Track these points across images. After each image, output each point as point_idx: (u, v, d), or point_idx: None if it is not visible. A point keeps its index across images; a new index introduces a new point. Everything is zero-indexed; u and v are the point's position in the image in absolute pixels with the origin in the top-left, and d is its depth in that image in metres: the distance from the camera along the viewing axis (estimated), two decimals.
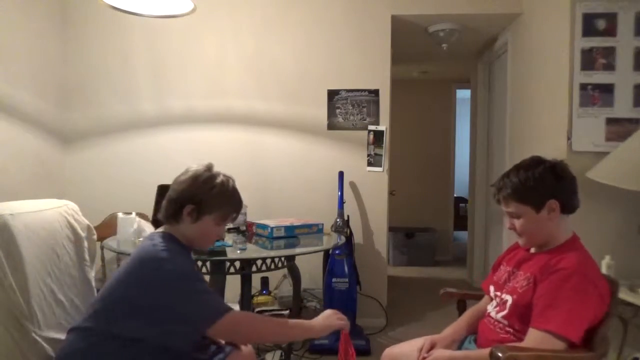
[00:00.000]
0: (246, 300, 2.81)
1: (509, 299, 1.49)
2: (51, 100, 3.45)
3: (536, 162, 1.48)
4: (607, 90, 2.52)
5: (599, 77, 2.54)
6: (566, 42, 2.59)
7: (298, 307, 3.01)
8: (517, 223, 1.50)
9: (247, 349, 1.71)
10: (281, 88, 3.55)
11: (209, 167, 1.58)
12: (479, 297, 1.79)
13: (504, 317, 1.50)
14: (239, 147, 3.56)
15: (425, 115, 6.04)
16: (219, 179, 1.54)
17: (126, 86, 3.60)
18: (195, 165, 1.58)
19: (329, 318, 1.52)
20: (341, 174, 3.40)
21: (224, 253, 2.21)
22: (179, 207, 1.50)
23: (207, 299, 1.41)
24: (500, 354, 1.28)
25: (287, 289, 3.19)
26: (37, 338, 1.45)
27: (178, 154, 3.53)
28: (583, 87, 2.54)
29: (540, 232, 1.48)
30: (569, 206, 1.47)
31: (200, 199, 1.50)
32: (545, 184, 1.44)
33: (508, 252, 1.70)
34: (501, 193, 1.50)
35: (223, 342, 1.63)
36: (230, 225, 2.71)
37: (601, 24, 2.54)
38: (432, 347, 1.61)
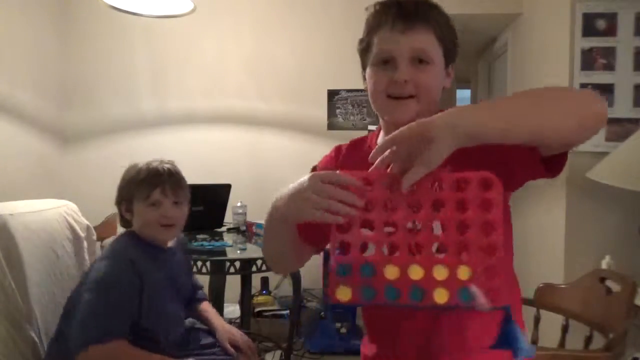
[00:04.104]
0: (246, 300, 2.81)
1: None
2: (51, 100, 3.45)
3: None
4: (607, 90, 2.52)
5: (599, 77, 2.53)
6: (566, 42, 2.58)
7: (298, 307, 3.01)
8: None
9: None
10: (281, 88, 3.55)
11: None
12: None
13: None
14: (239, 147, 3.55)
15: None
16: (127, 170, 1.58)
17: (126, 86, 3.59)
18: None
19: None
20: None
21: (224, 253, 2.21)
22: (118, 210, 1.57)
23: (92, 320, 1.33)
24: None
25: (287, 289, 3.18)
26: (36, 339, 1.45)
27: (178, 154, 3.51)
28: (583, 87, 2.54)
29: None
30: None
31: (122, 194, 1.56)
32: None
33: None
34: None
35: (229, 347, 1.62)
36: (230, 226, 2.71)
37: (601, 24, 2.53)
38: None
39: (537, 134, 0.79)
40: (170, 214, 1.52)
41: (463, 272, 0.75)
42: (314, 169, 1.09)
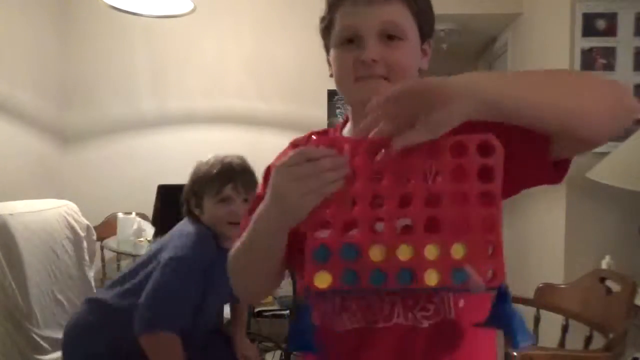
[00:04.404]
0: None
1: None
2: (51, 100, 3.45)
3: None
4: None
5: None
6: (566, 42, 2.58)
7: (298, 307, 3.00)
8: None
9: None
10: (281, 88, 3.55)
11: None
12: None
13: None
14: (239, 147, 3.52)
15: None
16: (198, 164, 1.57)
17: (126, 86, 3.60)
18: None
19: None
20: None
21: None
22: (187, 204, 1.54)
23: (156, 306, 1.34)
24: (515, 354, 1.28)
25: (287, 289, 3.18)
26: (36, 337, 1.45)
27: (178, 154, 3.53)
28: None
29: None
30: None
31: (193, 188, 1.53)
32: None
33: None
34: None
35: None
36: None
37: (601, 24, 2.53)
38: None
39: (567, 116, 0.66)
40: (241, 212, 1.48)
41: (458, 251, 0.66)
42: (267, 169, 0.95)
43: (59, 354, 1.60)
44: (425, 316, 0.78)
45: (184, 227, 1.50)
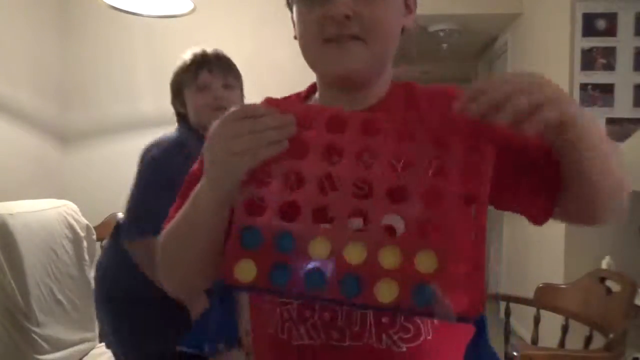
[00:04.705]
0: None
1: None
2: (51, 100, 3.45)
3: None
4: (607, 90, 2.52)
5: (599, 77, 2.54)
6: (566, 42, 2.59)
7: None
8: None
9: None
10: (281, 88, 3.51)
11: None
12: None
13: None
14: None
15: None
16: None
17: (126, 86, 3.60)
18: None
19: None
20: None
21: None
22: (175, 108, 1.53)
23: (142, 210, 1.27)
24: (515, 354, 1.28)
25: None
26: (36, 337, 1.45)
27: None
28: (583, 87, 2.54)
29: None
30: None
31: (173, 89, 1.52)
32: None
33: None
34: None
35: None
36: None
37: (601, 24, 2.53)
38: None
39: (613, 193, 0.67)
40: (220, 95, 1.44)
41: (424, 261, 0.50)
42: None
43: (58, 354, 1.60)
44: (404, 338, 0.63)
45: (166, 134, 1.48)
